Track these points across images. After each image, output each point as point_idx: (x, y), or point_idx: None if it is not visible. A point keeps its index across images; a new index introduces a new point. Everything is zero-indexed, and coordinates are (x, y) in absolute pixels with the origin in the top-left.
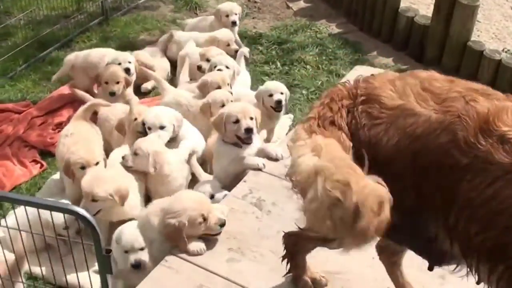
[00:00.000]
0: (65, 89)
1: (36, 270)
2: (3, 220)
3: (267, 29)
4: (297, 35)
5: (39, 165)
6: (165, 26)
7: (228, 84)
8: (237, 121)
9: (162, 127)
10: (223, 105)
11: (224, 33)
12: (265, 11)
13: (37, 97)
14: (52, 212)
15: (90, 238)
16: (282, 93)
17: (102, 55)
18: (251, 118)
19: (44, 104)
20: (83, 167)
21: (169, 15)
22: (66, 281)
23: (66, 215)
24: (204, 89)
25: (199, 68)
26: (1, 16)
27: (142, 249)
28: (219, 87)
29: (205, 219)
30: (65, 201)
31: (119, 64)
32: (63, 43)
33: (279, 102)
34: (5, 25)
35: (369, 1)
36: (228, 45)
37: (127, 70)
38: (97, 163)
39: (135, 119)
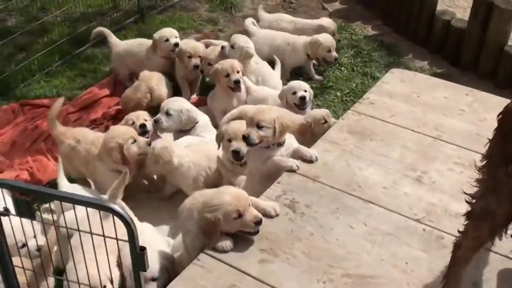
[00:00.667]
0: (100, 86)
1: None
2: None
3: None
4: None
5: None
6: (200, 26)
7: (238, 72)
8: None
9: (168, 113)
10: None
11: (326, 38)
12: (301, 12)
13: (72, 93)
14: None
15: None
16: (305, 91)
17: (140, 44)
18: (260, 126)
19: (79, 101)
20: (134, 141)
21: (205, 15)
22: (100, 279)
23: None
24: (215, 76)
25: (196, 67)
26: (38, 12)
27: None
28: (228, 75)
29: (240, 215)
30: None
31: (167, 40)
32: (98, 40)
33: (302, 99)
34: (42, 22)
35: (405, 4)
36: (329, 51)
37: (176, 45)
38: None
39: (133, 122)
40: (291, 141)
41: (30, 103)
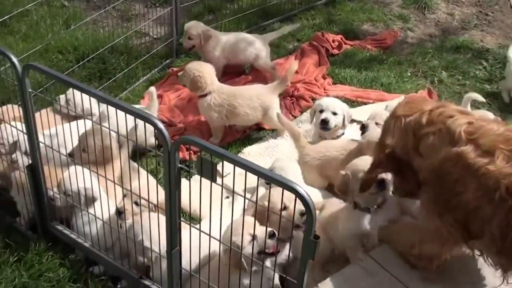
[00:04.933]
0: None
1: None
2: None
3: (495, 45)
4: None
5: None
6: (390, 20)
7: None
8: None
9: (334, 113)
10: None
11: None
12: (495, 26)
13: None
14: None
15: None
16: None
17: (249, 43)
18: None
19: None
20: None
21: (396, 10)
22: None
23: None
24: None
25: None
26: None
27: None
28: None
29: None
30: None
31: None
32: (286, 16)
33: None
34: None
35: None
36: None
37: None
38: None
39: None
40: None
41: None
